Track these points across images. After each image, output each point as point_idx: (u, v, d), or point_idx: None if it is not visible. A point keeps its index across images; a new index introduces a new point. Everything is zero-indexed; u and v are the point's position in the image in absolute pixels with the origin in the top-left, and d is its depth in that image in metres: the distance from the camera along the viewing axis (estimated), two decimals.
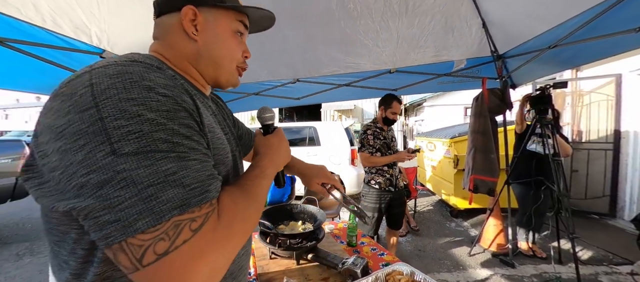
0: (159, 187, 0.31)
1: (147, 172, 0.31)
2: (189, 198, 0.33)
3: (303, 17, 1.86)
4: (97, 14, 1.29)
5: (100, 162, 0.30)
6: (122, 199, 0.30)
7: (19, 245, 3.21)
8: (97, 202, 0.30)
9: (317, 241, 1.14)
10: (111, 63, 0.35)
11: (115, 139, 0.31)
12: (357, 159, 4.59)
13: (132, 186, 0.30)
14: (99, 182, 0.30)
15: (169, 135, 0.33)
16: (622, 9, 1.31)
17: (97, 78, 0.33)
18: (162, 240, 0.31)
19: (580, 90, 4.20)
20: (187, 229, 0.33)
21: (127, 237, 0.30)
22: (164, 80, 0.36)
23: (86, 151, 0.30)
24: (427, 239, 3.18)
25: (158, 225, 0.31)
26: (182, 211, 0.32)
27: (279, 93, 2.84)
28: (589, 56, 1.80)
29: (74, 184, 0.31)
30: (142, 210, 0.30)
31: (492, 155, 2.44)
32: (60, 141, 0.31)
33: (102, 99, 0.31)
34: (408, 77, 2.54)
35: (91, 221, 0.31)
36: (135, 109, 0.32)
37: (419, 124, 12.26)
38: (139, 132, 0.31)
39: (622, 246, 2.79)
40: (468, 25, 1.94)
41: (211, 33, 0.48)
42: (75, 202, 0.31)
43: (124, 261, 0.31)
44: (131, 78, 0.34)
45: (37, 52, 1.31)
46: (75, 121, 0.31)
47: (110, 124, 0.31)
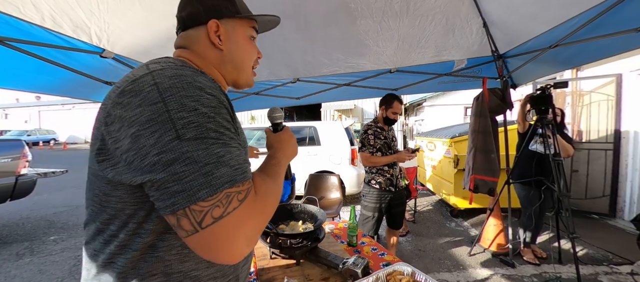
0: (214, 166, 0.40)
1: (205, 154, 0.39)
2: (235, 175, 0.42)
3: (304, 18, 1.86)
4: (96, 13, 1.28)
5: (169, 144, 0.38)
6: (188, 172, 0.38)
7: (19, 244, 3.21)
8: (168, 176, 0.38)
9: (317, 241, 1.14)
10: (165, 66, 0.44)
11: (179, 126, 0.39)
12: (357, 159, 4.59)
13: (194, 164, 0.39)
14: (169, 160, 0.38)
15: (216, 126, 0.42)
16: (622, 8, 1.30)
17: (159, 78, 0.42)
18: (217, 207, 0.39)
19: (580, 90, 4.20)
20: (235, 200, 0.41)
21: (191, 204, 0.38)
22: (208, 83, 0.45)
23: (157, 135, 0.39)
24: (427, 239, 3.18)
25: (214, 195, 0.39)
26: (231, 185, 0.41)
27: (279, 93, 2.84)
28: (590, 56, 1.79)
29: (148, 162, 0.39)
30: (202, 183, 0.39)
31: (492, 155, 2.44)
32: (133, 128, 0.40)
33: (166, 95, 0.40)
34: (408, 76, 2.54)
35: (162, 191, 0.39)
36: (193, 104, 0.41)
37: (419, 124, 12.27)
38: (197, 123, 0.40)
39: (622, 246, 2.79)
40: (469, 25, 1.94)
41: (233, 41, 0.57)
42: (149, 176, 0.39)
43: (185, 224, 0.39)
44: (186, 80, 0.43)
45: (36, 51, 1.31)
46: (146, 112, 0.40)
47: (175, 115, 0.39)
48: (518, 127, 2.62)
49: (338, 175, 3.44)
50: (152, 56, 2.21)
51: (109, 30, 1.42)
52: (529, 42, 1.88)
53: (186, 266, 0.47)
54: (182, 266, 0.47)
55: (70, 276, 2.54)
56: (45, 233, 3.56)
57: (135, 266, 0.45)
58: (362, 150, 2.13)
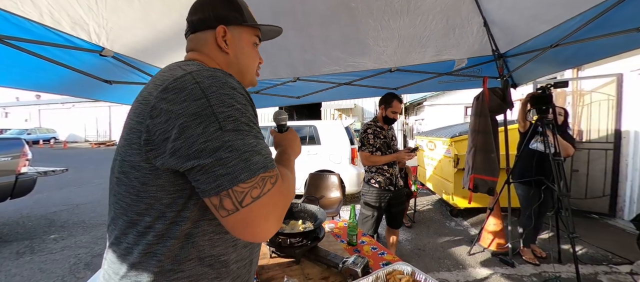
0: (250, 154, 0.45)
1: (242, 143, 0.45)
2: (267, 162, 0.47)
3: (304, 17, 1.85)
4: (95, 9, 1.27)
5: (214, 134, 0.44)
6: (231, 158, 0.43)
7: (20, 243, 3.21)
8: (215, 160, 0.43)
9: (317, 240, 1.14)
10: (200, 68, 0.50)
11: (221, 119, 0.44)
12: (357, 158, 4.59)
13: (234, 151, 0.44)
14: (214, 147, 0.43)
15: (248, 120, 0.48)
16: (623, 8, 1.30)
17: (199, 78, 0.47)
18: (255, 188, 0.44)
19: (581, 90, 4.19)
20: (269, 183, 0.46)
21: (234, 186, 0.43)
22: (237, 83, 0.51)
23: (203, 126, 0.44)
24: (427, 238, 3.18)
25: (253, 178, 0.44)
26: (265, 170, 0.46)
27: (279, 92, 2.83)
28: (590, 56, 1.79)
29: (195, 149, 0.43)
30: (243, 167, 0.44)
31: (492, 154, 2.44)
32: (180, 119, 0.44)
33: (208, 92, 0.46)
34: (408, 76, 2.53)
35: (208, 175, 0.43)
36: (230, 100, 0.47)
37: (419, 123, 12.26)
38: (234, 117, 0.46)
39: (622, 246, 2.79)
40: (469, 24, 1.93)
41: (238, 46, 0.63)
42: (197, 161, 0.43)
43: (228, 204, 0.44)
44: (221, 80, 0.48)
45: (36, 49, 1.30)
46: (192, 106, 0.44)
47: (217, 109, 0.45)
48: (518, 127, 2.62)
49: (338, 174, 3.44)
50: (151, 54, 2.19)
51: (107, 28, 1.42)
52: (530, 41, 1.87)
53: (217, 250, 0.53)
54: (213, 251, 0.52)
55: (70, 274, 2.54)
56: (46, 232, 3.56)
57: (174, 253, 0.49)
58: (361, 149, 2.13)
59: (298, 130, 4.90)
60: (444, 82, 2.62)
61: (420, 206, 4.44)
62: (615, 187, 3.65)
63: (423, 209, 4.30)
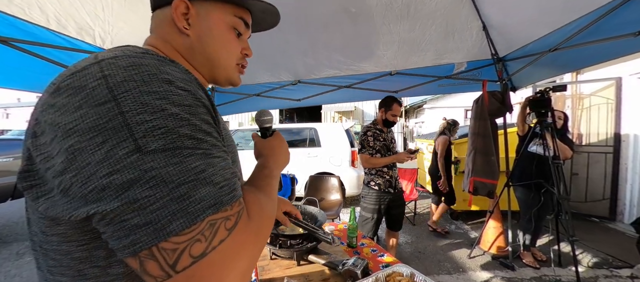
0: (191, 186, 0.30)
1: (177, 170, 0.29)
2: (220, 196, 0.32)
3: (306, 22, 1.87)
4: (101, 16, 1.30)
5: (124, 160, 0.28)
6: (153, 199, 0.28)
7: (20, 244, 3.21)
8: (124, 204, 0.28)
9: (317, 242, 1.15)
10: (119, 54, 0.33)
11: (139, 134, 0.28)
12: (357, 161, 4.59)
13: (162, 185, 0.28)
14: (125, 182, 0.28)
15: (193, 131, 0.32)
16: (621, 12, 1.32)
17: (110, 70, 0.31)
18: (198, 241, 0.29)
19: (580, 94, 4.21)
20: (223, 228, 0.31)
21: (160, 241, 0.28)
22: (180, 74, 0.34)
23: (106, 148, 0.28)
24: (427, 241, 3.18)
25: (193, 225, 0.29)
26: (216, 210, 0.31)
27: (280, 94, 2.85)
28: (589, 59, 1.81)
29: (93, 186, 0.28)
30: (175, 210, 0.28)
31: (492, 157, 2.45)
32: (70, 139, 0.28)
33: (120, 92, 0.29)
34: (408, 79, 2.55)
35: (116, 226, 0.28)
36: (158, 103, 0.30)
37: (419, 126, 12.28)
38: (165, 128, 0.30)
39: (622, 249, 2.79)
40: (469, 28, 1.96)
41: (204, 27, 0.45)
42: (96, 206, 0.28)
43: (152, 269, 0.29)
44: (148, 70, 0.32)
45: (41, 52, 1.33)
46: (90, 116, 0.28)
47: (133, 118, 0.29)
48: (517, 130, 2.63)
49: (338, 176, 3.45)
50: None
51: (113, 33, 1.44)
52: (529, 45, 1.89)
53: None
54: None
55: None
56: None
57: None
58: (361, 151, 2.15)
59: (298, 132, 4.91)
60: (444, 86, 2.64)
61: (420, 208, 4.43)
62: (615, 191, 3.65)
63: (423, 212, 4.30)
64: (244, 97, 2.89)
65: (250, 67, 2.39)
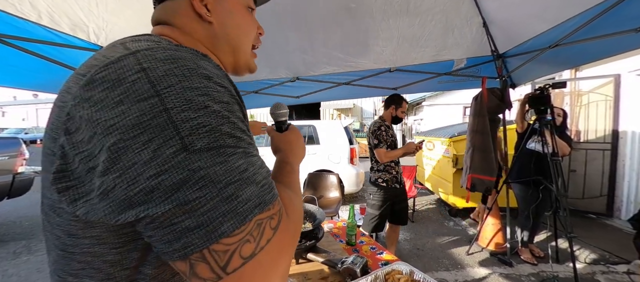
0: (238, 186, 0.29)
1: (223, 170, 0.28)
2: (263, 195, 0.31)
3: (305, 18, 1.85)
4: (95, 11, 1.27)
5: (172, 160, 0.26)
6: (204, 200, 0.27)
7: (17, 243, 3.19)
8: (176, 206, 0.26)
9: (316, 240, 1.14)
10: (154, 46, 0.31)
11: (185, 133, 0.27)
12: (356, 158, 4.59)
13: (211, 186, 0.27)
14: (174, 183, 0.26)
15: (232, 129, 0.31)
16: (622, 9, 1.31)
17: (148, 62, 0.29)
18: (247, 242, 0.29)
19: (578, 90, 4.21)
20: (268, 228, 0.31)
21: (212, 244, 0.27)
22: (214, 70, 0.33)
23: (153, 147, 0.26)
24: (425, 238, 3.19)
25: (242, 226, 0.28)
26: (261, 210, 0.30)
27: (279, 91, 2.83)
28: (589, 56, 1.80)
29: (140, 188, 0.26)
30: (225, 211, 0.28)
31: (490, 154, 2.45)
32: (112, 137, 0.27)
33: (163, 87, 0.28)
34: (408, 76, 2.54)
35: (165, 230, 0.27)
36: (201, 99, 0.29)
37: (418, 123, 12.29)
38: (209, 126, 0.28)
39: (619, 246, 2.81)
40: (468, 24, 1.94)
41: (226, 11, 0.43)
42: (145, 210, 0.26)
43: (203, 271, 0.28)
44: (187, 64, 0.30)
45: (34, 48, 1.30)
46: (133, 113, 0.27)
47: (178, 115, 0.27)
48: (516, 127, 2.63)
49: (337, 174, 3.45)
50: None
51: (107, 29, 1.42)
52: (529, 41, 1.88)
53: None
54: None
55: None
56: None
57: None
58: (379, 146, 2.14)
59: None
60: (443, 82, 2.63)
61: (419, 205, 4.45)
62: (612, 187, 3.67)
63: (422, 209, 4.32)
64: (242, 94, 2.86)
65: None
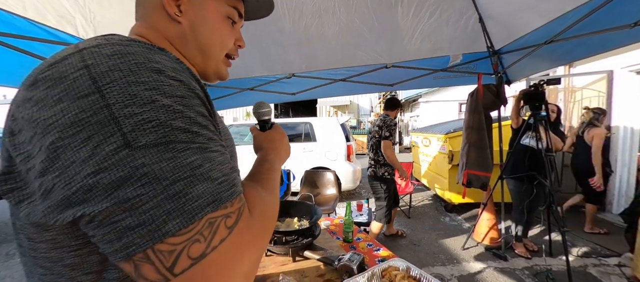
0: (187, 182, 0.28)
1: (171, 166, 0.27)
2: (219, 193, 0.30)
3: (299, 9, 1.83)
4: (81, 2, 1.24)
5: (113, 157, 0.25)
6: (146, 198, 0.26)
7: (9, 245, 3.14)
8: (115, 204, 0.25)
9: (313, 238, 1.13)
10: (103, 43, 0.30)
11: (128, 128, 0.26)
12: (352, 155, 4.59)
13: (155, 183, 0.26)
14: (114, 181, 0.25)
15: (187, 124, 0.29)
16: (617, 4, 1.31)
17: (93, 59, 0.28)
18: (197, 241, 0.27)
19: (572, 87, 4.26)
20: (223, 227, 0.29)
21: (155, 243, 0.26)
22: (171, 63, 0.32)
23: (92, 144, 0.25)
24: (422, 233, 3.21)
25: (191, 225, 0.27)
26: (215, 208, 0.29)
27: (274, 88, 2.80)
28: (584, 52, 1.81)
29: (78, 186, 0.25)
30: (171, 209, 0.26)
31: (486, 150, 2.47)
32: (50, 136, 0.26)
33: (105, 83, 0.27)
34: (404, 72, 2.53)
35: (106, 229, 0.26)
36: (148, 94, 0.28)
37: (414, 120, 12.34)
38: (156, 121, 0.27)
39: (610, 239, 2.87)
40: (464, 19, 1.94)
41: (197, 14, 0.42)
42: (82, 208, 0.25)
43: (149, 272, 0.26)
44: (135, 59, 0.29)
45: (20, 45, 1.26)
46: (72, 110, 0.26)
47: (120, 111, 0.26)
48: (511, 123, 2.65)
49: (334, 171, 3.44)
50: None
51: (95, 22, 1.37)
52: (525, 37, 1.88)
53: None
54: None
55: None
56: None
57: None
58: (389, 138, 2.43)
59: (294, 127, 4.87)
60: (439, 78, 2.62)
61: (415, 201, 4.48)
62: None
63: (418, 205, 4.35)
64: (238, 91, 2.83)
65: (244, 60, 2.34)
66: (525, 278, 2.25)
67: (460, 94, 9.40)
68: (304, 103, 13.37)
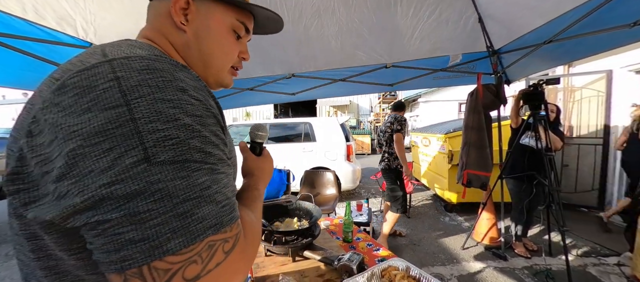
0: (195, 203, 0.28)
1: (184, 185, 0.28)
2: (221, 216, 0.30)
3: (299, 9, 1.83)
4: (81, 3, 1.24)
5: (131, 170, 0.26)
6: (156, 214, 0.26)
7: (9, 245, 3.13)
8: (124, 216, 0.25)
9: (312, 238, 1.14)
10: (132, 55, 0.31)
11: (150, 143, 0.27)
12: (352, 155, 4.60)
13: (167, 200, 0.27)
14: (128, 193, 0.26)
15: (203, 143, 0.30)
16: (616, 4, 1.31)
17: (123, 71, 0.29)
18: (194, 263, 0.27)
19: (572, 86, 4.26)
20: (221, 251, 0.30)
21: (154, 260, 0.26)
22: (193, 82, 0.33)
23: (113, 156, 0.26)
24: (421, 233, 3.22)
25: (192, 245, 0.27)
26: (216, 231, 0.29)
27: (274, 88, 2.80)
28: (584, 51, 1.81)
29: (90, 195, 0.26)
30: (176, 228, 0.27)
31: (485, 150, 2.47)
32: (72, 143, 0.26)
33: (134, 97, 0.28)
34: (404, 72, 2.53)
35: (108, 238, 0.26)
36: (173, 111, 0.29)
37: (414, 120, 12.34)
38: (177, 139, 0.28)
39: (609, 239, 2.87)
40: (463, 18, 1.94)
41: (202, 25, 0.43)
42: (91, 216, 0.26)
43: None
44: (163, 76, 0.30)
45: (20, 45, 1.26)
46: (98, 120, 0.26)
47: (145, 126, 0.27)
48: (511, 122, 2.65)
49: (334, 171, 3.44)
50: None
51: (95, 23, 1.37)
52: (524, 37, 1.88)
53: None
54: None
55: None
56: None
57: None
58: (401, 132, 2.58)
59: (293, 127, 4.88)
60: (439, 78, 2.63)
61: (415, 201, 4.48)
62: (603, 182, 3.74)
63: (418, 205, 4.35)
64: (238, 91, 2.83)
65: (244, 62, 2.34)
66: (525, 278, 2.25)
67: (460, 94, 9.41)
68: (303, 103, 13.37)
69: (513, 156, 2.55)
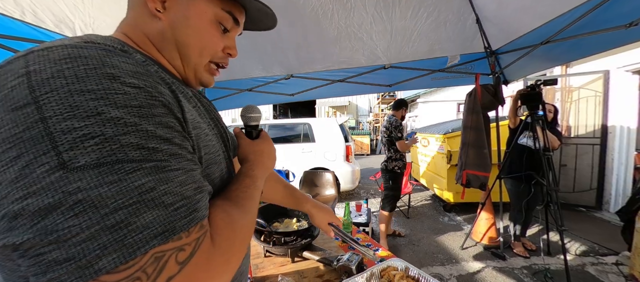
0: (132, 211, 0.24)
1: (114, 191, 0.24)
2: (172, 221, 0.26)
3: (297, 12, 1.84)
4: (81, 7, 1.24)
5: (43, 180, 0.22)
6: (78, 229, 0.22)
7: None
8: (39, 235, 0.22)
9: (312, 238, 1.14)
10: (57, 45, 0.27)
11: (64, 146, 0.23)
12: (351, 155, 4.60)
13: (91, 211, 0.23)
14: (42, 208, 0.22)
15: (142, 138, 0.26)
16: (612, 5, 1.32)
17: (37, 64, 0.24)
18: (137, 280, 0.24)
19: (569, 86, 4.28)
20: (173, 262, 0.25)
21: (87, 281, 0.22)
22: (131, 67, 0.28)
23: (21, 164, 0.22)
24: (420, 233, 3.22)
25: (131, 261, 0.23)
26: (164, 239, 0.25)
27: (273, 89, 2.81)
28: (581, 52, 1.82)
29: (3, 213, 0.22)
30: (107, 243, 0.23)
31: (484, 150, 2.48)
32: None
33: (43, 92, 0.23)
34: (402, 72, 2.54)
35: (31, 260, 0.22)
36: (93, 104, 0.24)
37: (412, 120, 12.36)
38: (101, 137, 0.24)
39: (607, 238, 2.88)
40: (461, 20, 1.95)
41: (180, 13, 0.38)
42: (7, 237, 0.22)
43: None
44: (86, 64, 0.25)
45: (16, 46, 1.26)
46: (5, 124, 0.23)
47: (57, 125, 0.23)
48: (509, 123, 2.66)
49: (333, 172, 3.45)
50: None
51: (94, 26, 1.38)
52: (522, 38, 1.90)
53: None
54: None
55: None
56: None
57: None
58: (402, 138, 2.68)
59: (292, 127, 4.87)
60: (437, 79, 2.64)
61: (414, 201, 4.49)
62: (601, 181, 3.75)
63: (417, 205, 4.35)
64: (236, 92, 2.83)
65: (242, 61, 2.34)
66: (524, 277, 2.26)
67: (459, 94, 9.43)
68: (302, 104, 13.37)
69: (511, 156, 2.56)
